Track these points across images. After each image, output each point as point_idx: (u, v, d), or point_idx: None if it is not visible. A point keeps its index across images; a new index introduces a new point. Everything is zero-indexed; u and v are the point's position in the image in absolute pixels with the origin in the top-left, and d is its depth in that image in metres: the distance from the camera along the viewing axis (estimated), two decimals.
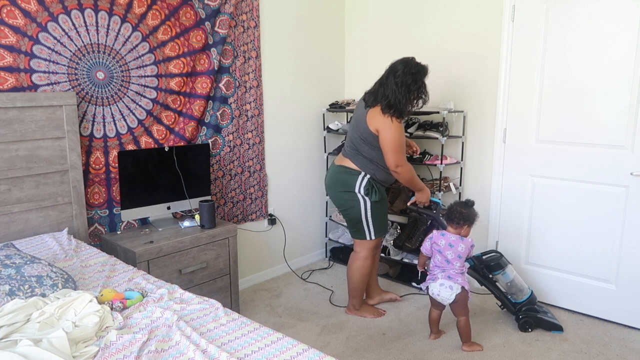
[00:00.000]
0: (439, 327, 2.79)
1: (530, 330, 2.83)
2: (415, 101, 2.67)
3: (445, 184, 3.39)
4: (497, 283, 2.91)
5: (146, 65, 2.80)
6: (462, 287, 2.57)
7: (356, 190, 2.77)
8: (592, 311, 3.04)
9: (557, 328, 2.83)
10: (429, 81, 2.72)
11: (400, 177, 2.75)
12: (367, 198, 2.77)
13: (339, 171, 2.85)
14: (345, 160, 2.82)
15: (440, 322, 2.79)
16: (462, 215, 2.58)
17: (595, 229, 2.96)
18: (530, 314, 2.84)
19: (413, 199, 2.99)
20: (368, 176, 2.77)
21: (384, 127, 2.63)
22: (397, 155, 2.66)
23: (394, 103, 2.60)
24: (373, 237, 2.89)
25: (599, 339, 2.79)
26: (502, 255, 2.92)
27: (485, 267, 2.88)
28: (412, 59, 2.67)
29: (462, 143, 3.46)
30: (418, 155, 3.21)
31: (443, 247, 2.59)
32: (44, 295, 1.68)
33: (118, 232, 2.77)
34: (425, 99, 2.70)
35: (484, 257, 2.91)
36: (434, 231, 2.68)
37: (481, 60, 3.29)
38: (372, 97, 2.70)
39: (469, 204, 2.66)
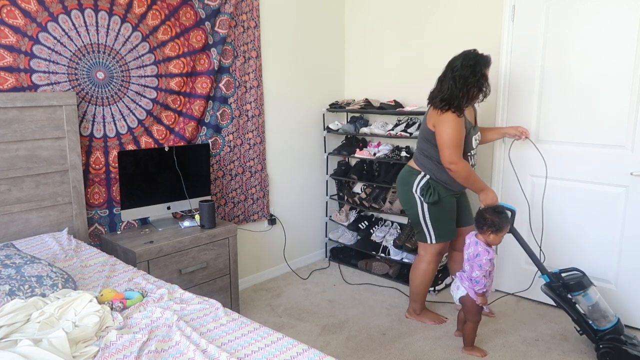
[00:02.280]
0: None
1: None
2: (476, 95, 2.53)
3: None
4: (577, 305, 2.56)
5: (146, 65, 2.80)
6: (467, 293, 2.55)
7: (413, 190, 2.72)
8: None
9: None
10: (429, 81, 2.71)
11: (455, 175, 2.59)
12: (422, 199, 2.70)
13: (404, 171, 2.85)
14: (411, 161, 2.83)
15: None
16: (486, 220, 2.46)
17: (595, 228, 2.96)
18: (614, 345, 2.44)
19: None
20: (427, 176, 2.69)
21: (439, 122, 2.55)
22: (451, 150, 2.52)
23: (448, 97, 2.51)
24: (434, 241, 2.78)
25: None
26: (584, 275, 2.55)
27: (564, 286, 2.55)
28: (472, 51, 2.55)
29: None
30: (527, 139, 2.89)
31: (465, 246, 2.58)
32: (44, 295, 1.68)
33: (118, 232, 2.77)
34: (486, 92, 2.56)
35: (562, 274, 2.59)
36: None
37: None
38: (432, 95, 2.64)
39: (498, 210, 2.50)
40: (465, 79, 2.49)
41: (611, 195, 2.87)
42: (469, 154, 2.66)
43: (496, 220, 2.46)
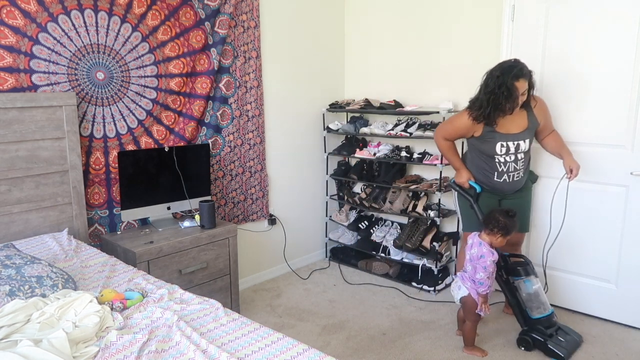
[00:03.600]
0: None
1: (524, 349, 2.64)
2: (504, 105, 2.54)
3: (445, 184, 3.39)
4: (516, 290, 2.67)
5: (146, 66, 2.80)
6: (469, 293, 2.55)
7: (451, 182, 2.94)
8: (592, 311, 3.04)
9: (557, 357, 2.54)
10: (429, 81, 2.71)
11: (437, 145, 2.89)
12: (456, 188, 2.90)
13: None
14: None
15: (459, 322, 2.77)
16: (499, 223, 2.47)
17: (595, 228, 2.96)
18: (537, 334, 2.60)
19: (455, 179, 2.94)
20: None
21: (459, 113, 2.78)
22: (443, 127, 2.83)
23: (473, 100, 2.66)
24: (462, 231, 2.98)
25: (599, 339, 2.79)
26: (529, 263, 2.69)
27: (506, 269, 2.68)
28: (509, 61, 2.58)
29: (462, 143, 3.45)
30: (572, 179, 2.77)
31: (467, 247, 2.59)
32: (44, 296, 1.69)
33: (118, 233, 2.77)
34: (506, 105, 2.53)
35: (510, 258, 2.73)
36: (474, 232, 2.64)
37: (481, 60, 3.28)
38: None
39: (510, 213, 2.50)
40: (491, 89, 2.55)
41: (611, 195, 2.87)
42: (496, 159, 2.70)
43: (508, 223, 2.47)
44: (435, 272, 3.41)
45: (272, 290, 3.48)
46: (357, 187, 4.03)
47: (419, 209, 3.49)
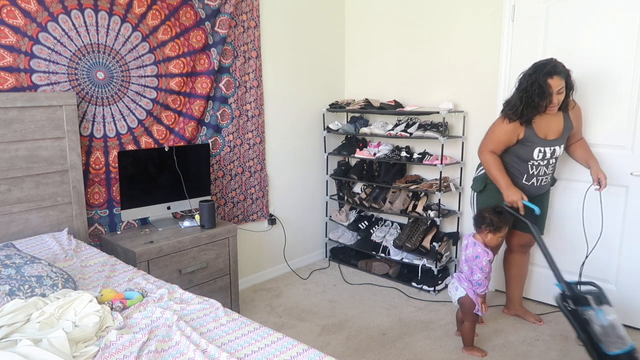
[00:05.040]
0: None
1: None
2: (539, 104, 2.49)
3: (445, 184, 3.39)
4: (587, 323, 2.26)
5: (146, 65, 2.80)
6: (466, 294, 2.55)
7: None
8: None
9: None
10: (429, 80, 2.70)
11: (482, 163, 2.76)
12: (472, 188, 2.89)
13: None
14: None
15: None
16: (485, 219, 2.47)
17: (595, 228, 2.95)
18: None
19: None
20: (484, 171, 2.79)
21: (494, 123, 2.72)
22: (485, 142, 2.71)
23: (507, 101, 2.63)
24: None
25: None
26: (601, 289, 2.31)
27: (573, 299, 2.30)
28: (544, 60, 2.51)
29: (462, 143, 3.46)
30: (602, 189, 2.69)
31: (463, 247, 2.60)
32: (44, 295, 1.68)
33: (118, 232, 2.77)
34: (540, 103, 2.48)
35: (578, 285, 2.36)
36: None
37: (481, 60, 3.29)
38: None
39: (497, 209, 2.51)
40: (524, 87, 2.52)
41: (611, 195, 2.87)
42: (530, 163, 2.66)
43: (495, 219, 2.47)
44: (435, 272, 3.41)
45: (272, 290, 3.48)
46: (357, 187, 4.03)
47: (419, 209, 3.49)
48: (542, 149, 2.62)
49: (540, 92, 2.47)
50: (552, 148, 2.65)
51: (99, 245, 2.67)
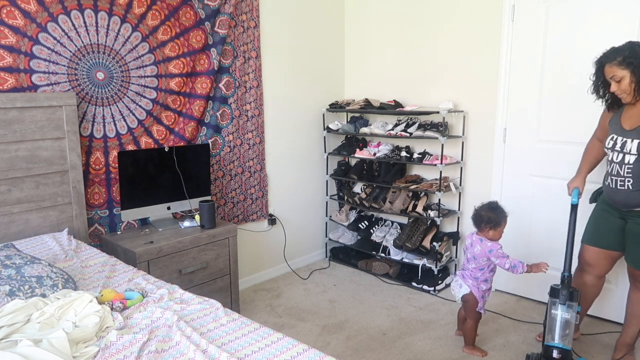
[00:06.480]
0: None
1: None
2: (604, 93, 2.40)
3: (445, 184, 3.39)
4: (553, 313, 2.37)
5: (146, 66, 2.80)
6: (471, 291, 2.55)
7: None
8: (592, 311, 3.02)
9: None
10: (429, 80, 2.68)
11: None
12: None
13: None
14: None
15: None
16: (482, 218, 2.50)
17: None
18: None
19: None
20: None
21: None
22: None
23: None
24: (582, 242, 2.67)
25: (599, 339, 2.79)
26: (577, 291, 2.39)
27: (552, 290, 2.42)
28: (622, 44, 2.30)
29: (462, 143, 3.46)
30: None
31: (467, 245, 2.59)
32: (44, 296, 1.68)
33: (118, 233, 2.77)
34: (604, 92, 2.38)
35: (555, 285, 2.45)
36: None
37: (481, 60, 3.29)
38: None
39: (492, 205, 2.53)
40: (593, 73, 2.41)
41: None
42: (608, 157, 2.44)
43: (492, 216, 2.49)
44: (435, 272, 3.42)
45: (272, 290, 3.48)
46: (357, 187, 4.03)
47: (419, 209, 3.49)
48: (614, 136, 2.40)
49: (597, 79, 2.39)
50: (623, 139, 2.33)
51: (99, 246, 2.67)
